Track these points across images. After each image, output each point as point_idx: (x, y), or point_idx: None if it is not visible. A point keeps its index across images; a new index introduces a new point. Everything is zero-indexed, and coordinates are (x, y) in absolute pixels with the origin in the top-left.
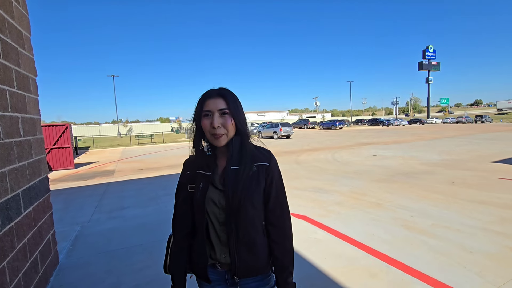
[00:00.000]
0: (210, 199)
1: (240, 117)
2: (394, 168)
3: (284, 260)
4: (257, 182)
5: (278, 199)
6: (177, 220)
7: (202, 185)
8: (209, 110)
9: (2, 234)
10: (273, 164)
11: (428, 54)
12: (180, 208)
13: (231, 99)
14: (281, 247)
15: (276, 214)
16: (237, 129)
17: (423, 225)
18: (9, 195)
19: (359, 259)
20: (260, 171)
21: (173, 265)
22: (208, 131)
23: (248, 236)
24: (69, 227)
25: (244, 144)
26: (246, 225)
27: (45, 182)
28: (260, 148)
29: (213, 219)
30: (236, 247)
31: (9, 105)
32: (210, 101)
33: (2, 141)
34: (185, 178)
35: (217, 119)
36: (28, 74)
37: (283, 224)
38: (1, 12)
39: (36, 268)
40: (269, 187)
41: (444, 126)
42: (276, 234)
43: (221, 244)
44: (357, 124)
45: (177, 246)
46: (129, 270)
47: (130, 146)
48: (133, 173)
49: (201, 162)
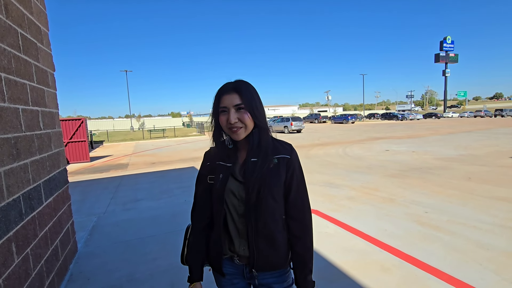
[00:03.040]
0: (230, 190)
1: (258, 110)
2: (407, 163)
3: (305, 256)
4: (278, 174)
5: (298, 193)
6: (196, 211)
7: (222, 175)
8: (225, 106)
9: (26, 222)
10: (294, 157)
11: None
12: (199, 199)
13: (246, 93)
14: (301, 242)
15: (297, 207)
16: (255, 122)
17: (437, 221)
18: (31, 185)
19: (371, 254)
20: (281, 164)
21: (191, 256)
22: (226, 127)
23: (267, 229)
24: (86, 217)
25: (264, 136)
26: (266, 217)
27: (64, 173)
28: (280, 141)
29: (232, 211)
30: (255, 240)
31: (30, 99)
32: (225, 96)
33: (24, 133)
34: (205, 169)
35: (233, 115)
36: (46, 69)
37: (304, 218)
38: (21, 8)
39: (57, 255)
40: (289, 180)
41: (461, 120)
42: (296, 228)
43: (240, 236)
44: (370, 118)
45: (195, 237)
46: (143, 260)
47: (142, 140)
48: (146, 167)
49: (222, 154)
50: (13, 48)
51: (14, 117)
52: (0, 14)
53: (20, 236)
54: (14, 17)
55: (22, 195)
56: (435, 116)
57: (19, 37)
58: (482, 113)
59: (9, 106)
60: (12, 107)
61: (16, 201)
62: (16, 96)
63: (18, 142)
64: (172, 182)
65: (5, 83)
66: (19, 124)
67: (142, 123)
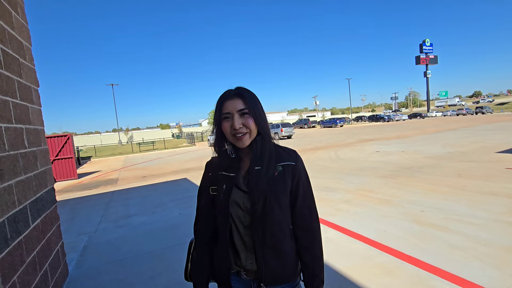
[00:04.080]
0: (234, 201)
1: (261, 116)
2: (398, 163)
3: (315, 267)
4: (284, 182)
5: (305, 201)
6: (199, 224)
7: (225, 186)
8: (228, 112)
9: (12, 248)
10: (299, 163)
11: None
12: (202, 212)
13: (249, 98)
14: (310, 253)
15: (304, 216)
16: (258, 128)
17: (434, 219)
18: (16, 208)
19: (373, 257)
20: (286, 171)
21: (195, 272)
22: (229, 133)
23: (275, 240)
24: (76, 237)
25: (267, 143)
26: (273, 228)
27: (51, 193)
28: (284, 148)
29: (238, 223)
30: (262, 252)
31: (13, 117)
32: (228, 102)
33: (8, 153)
34: (207, 181)
35: (237, 120)
36: (30, 85)
37: (312, 227)
38: (1, 22)
39: (46, 281)
40: (295, 188)
41: (445, 119)
42: (304, 238)
43: (247, 249)
44: (358, 121)
45: (199, 252)
46: (140, 279)
47: (132, 153)
48: (137, 181)
49: (224, 164)
50: None
51: None
52: None
53: (6, 263)
54: None
55: (7, 218)
56: (419, 116)
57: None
58: (464, 111)
59: None
60: None
61: (1, 225)
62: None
63: (1, 162)
64: (165, 195)
65: None
66: (2, 143)
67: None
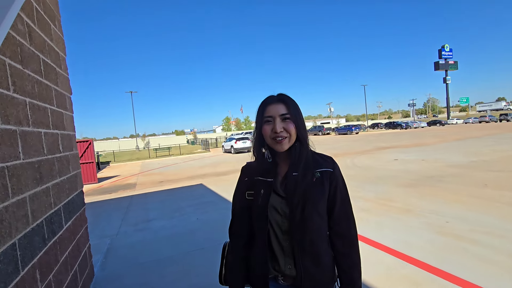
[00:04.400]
0: (272, 206)
1: (301, 122)
2: (418, 172)
3: (353, 274)
4: (322, 188)
5: (343, 207)
6: (234, 228)
7: (263, 191)
8: (271, 115)
9: (48, 248)
10: (336, 170)
11: (445, 53)
12: (237, 216)
13: (292, 104)
14: (348, 259)
15: (342, 223)
16: (298, 134)
17: (460, 230)
18: (52, 209)
19: (399, 268)
20: (324, 177)
21: (231, 276)
22: (269, 136)
23: (314, 247)
24: (99, 240)
25: (305, 150)
26: (312, 235)
27: (81, 196)
28: (321, 154)
29: (276, 228)
30: (301, 258)
31: (51, 123)
32: (271, 106)
33: (46, 157)
34: (243, 185)
35: (279, 124)
36: (64, 93)
37: (349, 234)
38: (42, 35)
39: (76, 281)
40: (333, 194)
41: (467, 127)
42: (342, 245)
43: (285, 254)
44: (374, 128)
45: (235, 256)
46: (162, 283)
47: (148, 159)
48: (154, 186)
49: (261, 168)
50: (36, 74)
51: (38, 141)
52: (25, 41)
53: (44, 262)
54: (36, 44)
55: (45, 219)
56: (439, 123)
57: (41, 63)
58: (487, 118)
59: (33, 130)
60: (35, 131)
61: (40, 226)
62: (39, 120)
63: (41, 165)
64: (182, 200)
65: (30, 107)
66: (41, 148)
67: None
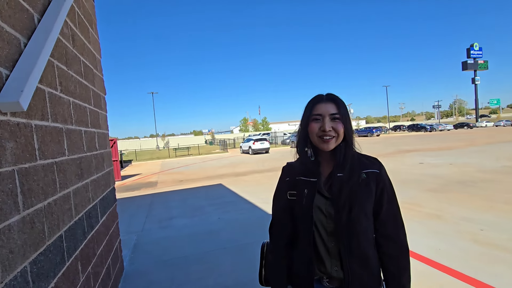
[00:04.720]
0: (317, 206)
1: (349, 123)
2: (447, 176)
3: (401, 277)
4: (368, 190)
5: (390, 209)
6: (275, 228)
7: (307, 191)
8: (320, 114)
9: (87, 241)
10: (383, 171)
11: (474, 52)
12: (278, 216)
13: (342, 105)
14: (398, 262)
15: (389, 225)
16: (346, 135)
17: (497, 239)
18: (91, 204)
19: (431, 276)
20: (370, 179)
21: (273, 276)
22: (316, 134)
23: (362, 249)
24: (126, 235)
25: (351, 151)
26: (359, 237)
27: (113, 192)
28: (367, 156)
29: (320, 229)
30: (349, 261)
31: (89, 121)
32: (320, 105)
33: (86, 154)
34: (284, 185)
35: (328, 123)
36: (100, 93)
37: (398, 237)
38: (82, 38)
39: (109, 274)
40: (380, 196)
41: (497, 130)
42: (391, 248)
43: (331, 256)
44: (396, 131)
45: (277, 257)
46: (188, 280)
47: (168, 158)
48: (175, 184)
49: (303, 168)
50: (78, 75)
51: (79, 139)
52: (69, 44)
53: (84, 254)
54: (78, 47)
55: (85, 213)
56: (467, 126)
57: (81, 64)
58: None
59: (75, 128)
60: (77, 129)
61: (81, 219)
62: (80, 119)
63: (82, 162)
64: (202, 199)
65: (73, 107)
66: (82, 145)
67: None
